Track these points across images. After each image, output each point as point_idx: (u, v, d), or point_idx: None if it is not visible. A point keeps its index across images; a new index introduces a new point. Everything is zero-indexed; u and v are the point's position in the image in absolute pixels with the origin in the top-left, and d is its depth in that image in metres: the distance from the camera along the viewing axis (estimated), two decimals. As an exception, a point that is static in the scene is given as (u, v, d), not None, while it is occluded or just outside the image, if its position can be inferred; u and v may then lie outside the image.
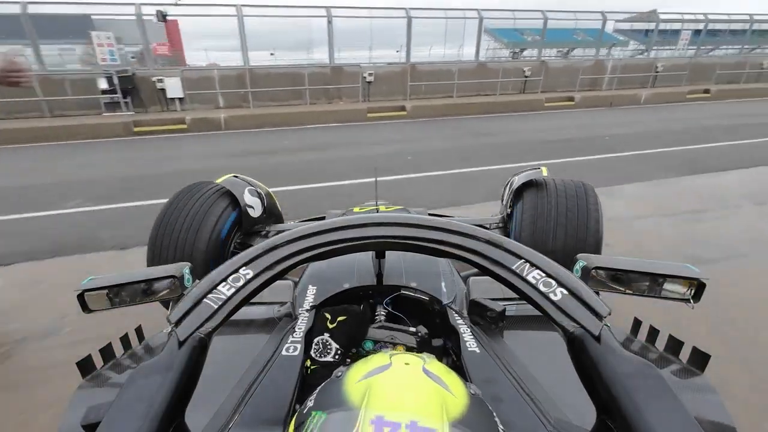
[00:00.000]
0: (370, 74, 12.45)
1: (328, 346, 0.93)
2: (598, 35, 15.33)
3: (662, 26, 15.66)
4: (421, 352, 0.64)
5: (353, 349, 0.97)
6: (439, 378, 0.49)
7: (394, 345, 0.94)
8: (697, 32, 16.11)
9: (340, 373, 0.52)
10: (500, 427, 0.47)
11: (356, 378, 0.49)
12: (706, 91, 14.69)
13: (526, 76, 14.08)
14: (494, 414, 0.49)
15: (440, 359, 0.83)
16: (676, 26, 15.52)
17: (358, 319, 0.99)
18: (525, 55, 16.84)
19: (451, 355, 0.98)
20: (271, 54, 13.48)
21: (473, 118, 11.29)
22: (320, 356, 0.93)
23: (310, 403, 0.48)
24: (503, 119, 11.00)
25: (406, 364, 0.50)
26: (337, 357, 0.92)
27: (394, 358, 0.52)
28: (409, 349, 0.93)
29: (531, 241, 1.71)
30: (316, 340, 0.94)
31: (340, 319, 0.97)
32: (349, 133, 9.28)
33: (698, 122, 9.64)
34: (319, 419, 0.44)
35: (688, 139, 7.71)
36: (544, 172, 2.00)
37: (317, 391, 0.51)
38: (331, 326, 0.96)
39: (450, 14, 13.21)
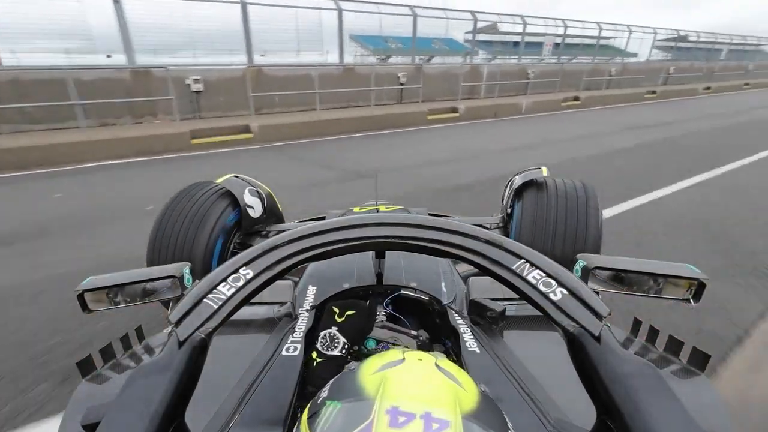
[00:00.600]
0: (196, 81, 8.89)
1: (336, 340, 0.92)
2: (454, 44, 14.74)
3: (508, 37, 16.38)
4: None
5: (355, 346, 0.94)
6: (451, 374, 0.49)
7: (396, 345, 0.93)
8: (557, 44, 17.19)
9: (353, 367, 0.53)
10: (509, 424, 0.47)
11: (370, 371, 0.49)
12: (576, 99, 14.44)
13: (401, 84, 11.93)
14: (503, 413, 0.49)
15: None
16: (517, 37, 16.04)
17: (366, 314, 0.98)
18: (392, 62, 14.95)
19: (451, 355, 0.96)
20: (108, 57, 9.15)
21: (344, 139, 8.69)
22: (327, 350, 0.91)
23: (324, 394, 0.48)
24: (382, 141, 8.55)
25: (420, 359, 0.51)
26: (344, 351, 0.91)
27: (407, 354, 0.52)
28: None
29: (531, 241, 1.72)
30: (323, 334, 0.93)
31: (348, 313, 0.96)
32: (144, 181, 5.68)
33: (608, 140, 8.34)
34: (333, 408, 0.44)
35: (632, 168, 6.12)
36: (545, 172, 2.00)
37: (330, 383, 0.51)
38: (339, 320, 0.95)
39: (302, 6, 10.29)
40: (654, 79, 20.09)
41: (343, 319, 0.95)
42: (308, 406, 0.49)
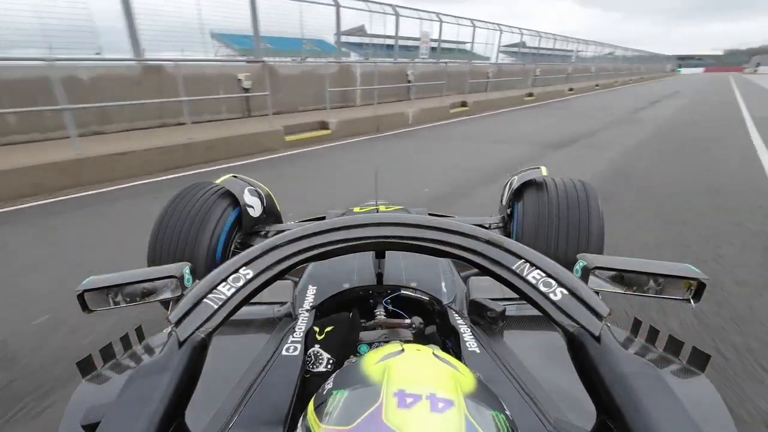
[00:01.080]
0: None
1: (320, 357, 0.91)
2: (324, 45, 12.98)
3: (380, 40, 14.57)
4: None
5: (351, 356, 0.93)
6: (449, 361, 0.51)
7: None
8: (433, 48, 16.30)
9: (354, 360, 0.55)
10: (504, 405, 0.48)
11: (373, 361, 0.50)
12: (464, 104, 12.50)
13: (246, 89, 8.40)
14: (499, 398, 0.50)
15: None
16: (389, 40, 14.43)
17: (347, 326, 0.97)
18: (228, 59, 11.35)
19: (451, 354, 0.89)
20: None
21: (123, 191, 4.81)
22: (313, 367, 0.91)
23: (328, 385, 0.48)
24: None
25: (418, 350, 0.53)
26: (330, 366, 0.90)
27: (406, 346, 0.53)
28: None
29: (534, 241, 1.71)
30: (308, 353, 0.93)
31: (327, 329, 0.95)
32: None
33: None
34: (341, 396, 0.45)
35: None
36: (544, 171, 1.97)
37: (334, 375, 0.51)
38: (319, 338, 0.94)
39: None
40: (524, 81, 19.72)
41: (323, 336, 0.94)
42: (313, 398, 0.49)
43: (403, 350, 0.51)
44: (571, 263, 0.82)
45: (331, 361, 0.90)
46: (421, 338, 0.99)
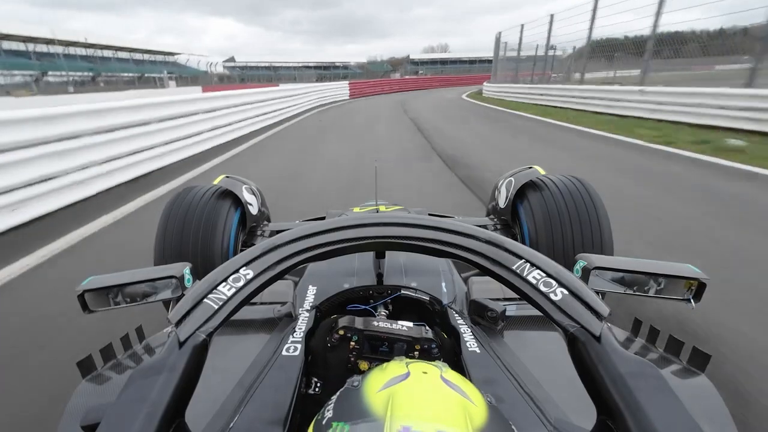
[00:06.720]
0: None
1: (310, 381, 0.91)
2: None
3: None
4: (415, 345, 0.84)
5: (354, 376, 0.83)
6: (458, 387, 0.49)
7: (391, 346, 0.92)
8: None
9: (356, 383, 0.51)
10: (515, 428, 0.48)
11: (375, 388, 0.48)
12: None
13: None
14: (511, 424, 0.49)
15: (431, 348, 0.89)
16: None
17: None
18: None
19: (440, 346, 0.94)
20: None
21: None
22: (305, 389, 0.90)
23: (328, 413, 0.47)
24: None
25: (424, 372, 0.51)
26: (317, 390, 0.89)
27: (411, 367, 0.52)
28: (406, 342, 0.92)
29: (550, 243, 1.73)
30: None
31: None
32: None
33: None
34: (341, 431, 0.43)
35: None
36: (540, 170, 1.97)
37: (334, 400, 0.50)
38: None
39: None
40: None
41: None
42: (311, 425, 0.47)
43: (408, 374, 0.49)
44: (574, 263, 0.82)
45: (318, 384, 0.89)
46: (417, 341, 0.97)
